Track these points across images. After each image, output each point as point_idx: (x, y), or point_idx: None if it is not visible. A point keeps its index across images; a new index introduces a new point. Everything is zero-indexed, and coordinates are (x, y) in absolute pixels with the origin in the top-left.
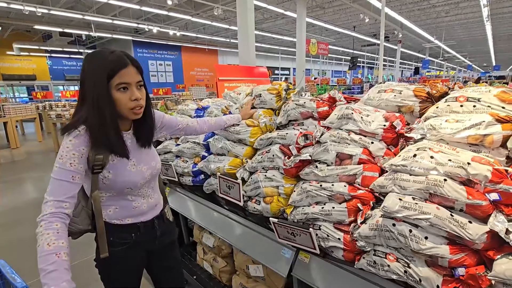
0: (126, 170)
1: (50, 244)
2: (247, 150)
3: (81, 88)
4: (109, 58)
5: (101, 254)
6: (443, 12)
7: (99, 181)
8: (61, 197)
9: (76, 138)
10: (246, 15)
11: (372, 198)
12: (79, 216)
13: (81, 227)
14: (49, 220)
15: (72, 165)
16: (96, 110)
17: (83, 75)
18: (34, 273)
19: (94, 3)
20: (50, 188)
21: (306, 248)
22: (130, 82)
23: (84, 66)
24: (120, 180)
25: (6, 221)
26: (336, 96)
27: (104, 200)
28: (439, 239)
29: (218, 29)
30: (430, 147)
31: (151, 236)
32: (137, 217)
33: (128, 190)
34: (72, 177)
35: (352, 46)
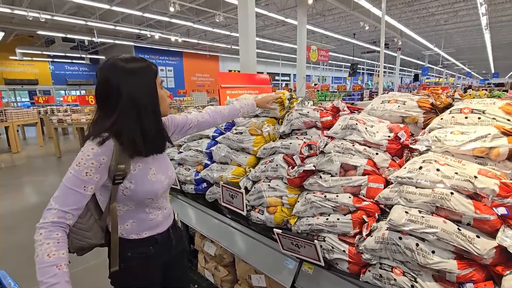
0: (147, 180)
1: (51, 255)
2: (250, 159)
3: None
4: (148, 62)
5: (111, 268)
6: (442, 20)
7: (118, 192)
8: (67, 207)
9: (100, 146)
10: (247, 22)
11: (378, 210)
12: (91, 230)
13: (93, 242)
14: (50, 229)
15: (88, 174)
16: (151, 114)
17: (120, 86)
18: (33, 281)
19: (97, 9)
20: (58, 194)
21: (310, 259)
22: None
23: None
24: (142, 190)
25: (6, 226)
26: (339, 106)
27: (121, 214)
28: (446, 253)
29: (219, 36)
30: (436, 160)
31: (167, 246)
32: (154, 229)
33: (149, 201)
34: (84, 188)
35: (352, 53)
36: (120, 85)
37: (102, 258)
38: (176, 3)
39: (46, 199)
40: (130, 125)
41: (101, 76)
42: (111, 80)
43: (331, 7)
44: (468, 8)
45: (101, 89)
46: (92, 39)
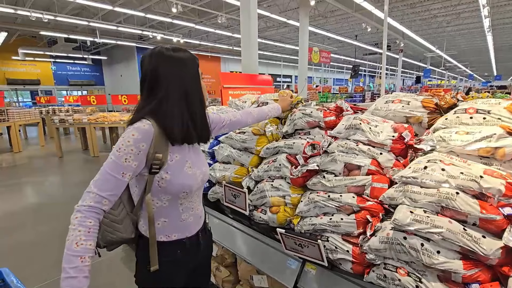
0: (183, 172)
1: (79, 244)
2: (253, 159)
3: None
4: (191, 53)
5: (152, 267)
6: (445, 22)
7: (154, 183)
8: (105, 192)
9: (140, 132)
10: (249, 23)
11: (382, 210)
12: (123, 223)
13: (124, 235)
14: (85, 214)
15: (127, 161)
16: (197, 102)
17: (168, 74)
18: (35, 279)
19: (100, 10)
20: (98, 178)
21: (313, 259)
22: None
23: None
24: (177, 182)
25: (7, 226)
26: (343, 106)
27: (154, 210)
28: (452, 253)
29: (221, 37)
30: (441, 159)
31: (195, 251)
32: (183, 231)
33: (184, 195)
34: (123, 174)
35: (354, 55)
36: (169, 72)
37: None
38: (178, 4)
39: (47, 198)
40: (179, 109)
41: (149, 64)
42: (160, 67)
43: (333, 8)
44: (470, 10)
45: (150, 76)
46: (94, 40)
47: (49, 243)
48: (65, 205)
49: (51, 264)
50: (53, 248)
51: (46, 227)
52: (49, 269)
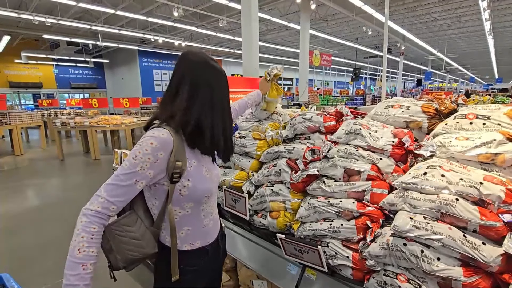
0: (203, 176)
1: (81, 250)
2: (253, 164)
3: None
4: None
5: (173, 277)
6: (445, 26)
7: (175, 193)
8: (114, 198)
9: (158, 141)
10: (250, 26)
11: (382, 216)
12: (144, 238)
13: (146, 251)
14: (90, 219)
15: (143, 169)
16: (227, 118)
17: (204, 82)
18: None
19: (102, 13)
20: (109, 182)
21: (313, 265)
22: None
23: (203, 73)
24: (200, 187)
25: (7, 228)
26: (343, 111)
27: (177, 220)
28: (452, 260)
29: (222, 40)
30: (440, 165)
31: (216, 256)
32: (206, 238)
33: (205, 200)
34: (136, 181)
35: (355, 58)
36: (210, 83)
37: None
38: (180, 8)
39: (48, 201)
40: (213, 121)
41: (189, 68)
42: (203, 76)
43: (334, 12)
44: (471, 14)
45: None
46: (96, 43)
47: (49, 246)
48: (65, 208)
49: (51, 268)
50: (53, 251)
51: (46, 230)
52: (49, 272)
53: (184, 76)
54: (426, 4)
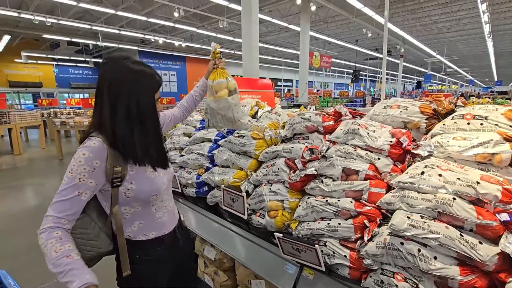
0: (147, 178)
1: (57, 250)
2: (251, 163)
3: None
4: (149, 72)
5: (124, 272)
6: (445, 28)
7: (120, 195)
8: (61, 213)
9: (90, 151)
10: (250, 28)
11: (379, 215)
12: (98, 239)
13: (102, 250)
14: (49, 231)
15: (81, 180)
16: (151, 127)
17: (123, 91)
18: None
19: (102, 14)
20: (54, 201)
21: (311, 264)
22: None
23: (123, 81)
24: (145, 189)
25: (6, 228)
26: (341, 111)
27: (128, 217)
28: (448, 259)
29: (222, 41)
30: (438, 165)
31: (175, 247)
32: (160, 229)
33: (154, 198)
34: (79, 193)
35: (354, 60)
36: (127, 86)
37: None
38: (180, 8)
39: (47, 201)
40: (131, 134)
41: (107, 72)
42: (119, 79)
43: (334, 14)
44: (470, 16)
45: (106, 87)
46: (96, 43)
47: None
48: None
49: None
50: None
51: None
52: (47, 272)
53: (104, 84)
54: (426, 6)
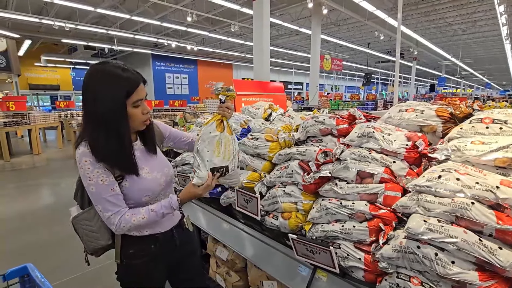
0: (141, 178)
1: (139, 216)
2: (265, 165)
3: (86, 107)
4: (125, 75)
5: (115, 259)
6: (460, 30)
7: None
8: (117, 207)
9: (88, 156)
10: (262, 31)
11: (395, 219)
12: (99, 231)
13: (102, 243)
14: (122, 220)
15: (104, 180)
16: (120, 130)
17: (90, 95)
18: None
19: (118, 19)
20: (102, 207)
21: (325, 266)
22: (142, 98)
23: (91, 85)
24: (136, 188)
25: (27, 224)
26: (356, 114)
27: None
28: (467, 264)
29: (233, 44)
30: (455, 169)
31: (170, 246)
32: (155, 227)
33: (147, 199)
34: (112, 189)
35: (366, 62)
36: (91, 99)
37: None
38: (193, 13)
39: (63, 199)
40: (97, 140)
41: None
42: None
43: (346, 17)
44: (487, 18)
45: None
46: (112, 47)
47: (64, 242)
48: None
49: (63, 264)
50: (66, 249)
51: (61, 227)
52: (66, 267)
53: (84, 92)
54: (440, 9)
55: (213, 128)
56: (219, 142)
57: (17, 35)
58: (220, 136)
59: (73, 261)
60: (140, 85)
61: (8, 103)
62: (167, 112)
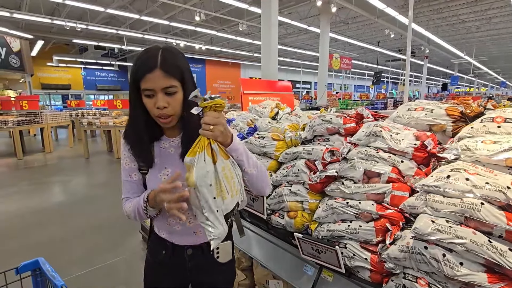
0: (156, 178)
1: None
2: (271, 164)
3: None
4: (141, 58)
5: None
6: (474, 28)
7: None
8: (127, 194)
9: (123, 138)
10: (270, 30)
11: (402, 219)
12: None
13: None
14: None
15: (127, 164)
16: (131, 115)
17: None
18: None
19: (128, 19)
20: (123, 187)
21: (331, 266)
22: (153, 88)
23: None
24: (149, 185)
25: (39, 220)
26: (363, 113)
27: None
28: (475, 265)
29: (241, 44)
30: (465, 169)
31: (179, 265)
32: (171, 235)
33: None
34: (129, 175)
35: (376, 61)
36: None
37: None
38: (201, 12)
39: (73, 197)
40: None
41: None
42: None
43: (355, 15)
44: (502, 15)
45: None
46: (121, 47)
47: (75, 238)
48: (89, 203)
49: (75, 260)
50: (78, 245)
51: (72, 224)
52: (77, 263)
53: None
54: (453, 5)
55: (206, 162)
56: (220, 177)
57: (30, 36)
58: (218, 169)
59: (83, 257)
60: (149, 73)
61: (21, 102)
62: None
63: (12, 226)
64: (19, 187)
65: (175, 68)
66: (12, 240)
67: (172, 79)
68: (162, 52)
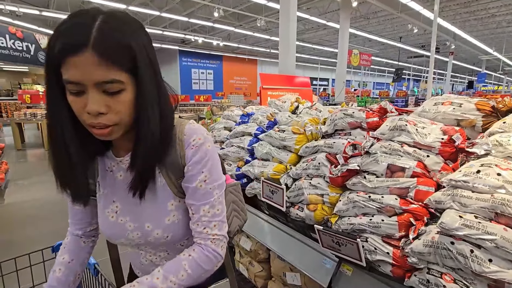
0: (103, 214)
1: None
2: (291, 157)
3: None
4: (64, 25)
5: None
6: (505, 22)
7: None
8: (71, 218)
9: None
10: (288, 26)
11: (427, 214)
12: None
13: None
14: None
15: None
16: (47, 117)
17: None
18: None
19: (148, 15)
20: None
21: (351, 259)
22: (81, 81)
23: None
24: (99, 223)
25: (48, 213)
26: (387, 107)
27: None
28: (505, 263)
29: (259, 40)
30: (496, 164)
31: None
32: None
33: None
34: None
35: (397, 58)
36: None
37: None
38: (220, 8)
39: None
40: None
41: None
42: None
43: (376, 9)
44: None
45: None
46: None
47: None
48: None
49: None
50: None
51: None
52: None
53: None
54: None
55: None
56: None
57: None
58: None
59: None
60: (76, 54)
61: None
62: (192, 107)
63: (46, 211)
64: (48, 176)
65: (122, 49)
66: (47, 222)
67: (115, 69)
68: (101, 20)
